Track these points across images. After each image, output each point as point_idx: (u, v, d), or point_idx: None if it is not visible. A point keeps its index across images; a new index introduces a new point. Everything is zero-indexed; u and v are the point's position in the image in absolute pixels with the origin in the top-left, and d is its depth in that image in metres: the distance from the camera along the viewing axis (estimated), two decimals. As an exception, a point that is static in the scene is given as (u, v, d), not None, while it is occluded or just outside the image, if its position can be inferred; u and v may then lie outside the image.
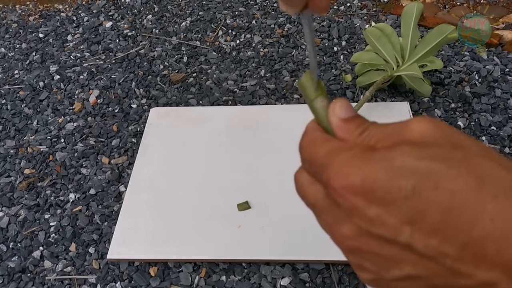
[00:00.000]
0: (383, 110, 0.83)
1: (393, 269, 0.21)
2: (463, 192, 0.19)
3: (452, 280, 0.20)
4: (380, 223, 0.20)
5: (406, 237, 0.20)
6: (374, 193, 0.20)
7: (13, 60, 1.13)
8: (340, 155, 0.22)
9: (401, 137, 0.21)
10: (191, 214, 0.71)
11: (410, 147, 0.20)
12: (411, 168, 0.20)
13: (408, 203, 0.19)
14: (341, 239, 0.22)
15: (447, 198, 0.19)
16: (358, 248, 0.22)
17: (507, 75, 0.89)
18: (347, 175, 0.21)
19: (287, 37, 1.05)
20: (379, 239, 0.21)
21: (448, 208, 0.19)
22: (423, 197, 0.19)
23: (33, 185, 0.82)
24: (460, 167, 0.19)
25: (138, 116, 0.91)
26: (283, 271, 0.65)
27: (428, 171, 0.19)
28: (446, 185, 0.19)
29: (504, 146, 0.77)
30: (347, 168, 0.21)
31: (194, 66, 1.02)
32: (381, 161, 0.20)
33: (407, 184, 0.19)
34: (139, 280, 0.66)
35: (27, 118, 0.96)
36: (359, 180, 0.20)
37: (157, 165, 0.78)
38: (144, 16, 1.20)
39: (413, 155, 0.20)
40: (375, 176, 0.20)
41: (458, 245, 0.19)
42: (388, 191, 0.20)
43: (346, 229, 0.22)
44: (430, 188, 0.19)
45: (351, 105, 0.25)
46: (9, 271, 0.71)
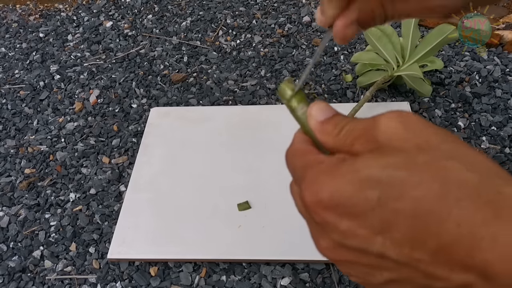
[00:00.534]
0: (383, 110, 0.82)
1: (375, 275, 0.22)
2: (427, 199, 0.19)
3: (431, 282, 0.20)
4: (352, 235, 0.20)
5: (378, 247, 0.20)
6: (343, 207, 0.20)
7: (13, 59, 1.13)
8: (312, 169, 0.22)
9: (372, 136, 0.22)
10: (192, 214, 0.71)
11: (374, 156, 0.20)
12: (376, 178, 0.20)
13: (376, 214, 0.19)
14: (322, 251, 0.23)
15: (412, 206, 0.19)
16: (338, 260, 0.23)
17: (507, 75, 0.89)
18: (317, 191, 0.21)
19: (287, 37, 1.05)
20: (354, 250, 0.21)
21: (414, 216, 0.19)
22: (389, 207, 0.19)
23: (34, 185, 0.82)
24: (423, 173, 0.19)
25: (138, 116, 0.92)
26: (283, 271, 0.65)
27: (392, 180, 0.19)
28: (410, 193, 0.19)
29: (504, 146, 0.77)
30: (317, 184, 0.21)
31: (195, 66, 1.02)
32: (347, 174, 0.21)
33: (373, 196, 0.19)
34: (139, 280, 0.66)
35: (28, 118, 0.96)
36: (328, 195, 0.21)
37: (157, 165, 0.78)
38: (145, 16, 1.20)
39: (377, 165, 0.20)
40: (342, 190, 0.20)
41: (429, 251, 0.19)
42: (356, 204, 0.20)
43: (324, 242, 0.23)
44: (395, 197, 0.19)
45: (328, 106, 0.26)
46: (10, 270, 0.71)
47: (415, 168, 0.19)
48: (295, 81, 0.30)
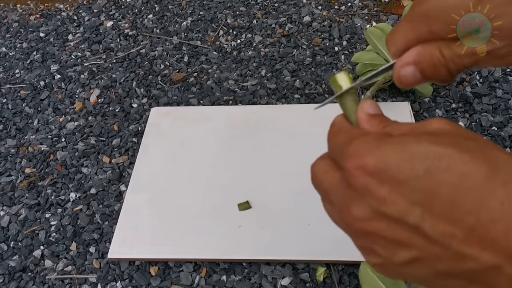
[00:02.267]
0: (384, 110, 0.82)
1: (400, 252, 0.21)
2: (474, 176, 0.19)
3: (457, 263, 0.20)
4: (391, 202, 0.21)
5: (415, 218, 0.20)
6: (387, 173, 0.21)
7: (14, 59, 1.13)
8: (358, 139, 0.23)
9: (420, 130, 0.22)
10: (192, 213, 0.71)
11: (426, 135, 0.21)
12: (425, 150, 0.20)
13: (420, 183, 0.20)
14: (351, 221, 0.23)
15: (458, 180, 0.19)
16: (367, 231, 0.22)
17: (508, 75, 0.89)
18: (362, 156, 0.22)
19: (288, 37, 1.05)
20: (389, 219, 0.21)
21: (458, 190, 0.19)
22: (434, 177, 0.20)
23: (34, 184, 0.82)
24: (474, 153, 0.20)
25: (138, 116, 0.92)
26: (283, 271, 0.65)
27: (441, 154, 0.20)
28: (458, 167, 0.19)
29: (505, 146, 0.77)
30: (363, 150, 0.22)
31: (195, 66, 1.02)
32: (396, 144, 0.21)
33: (420, 165, 0.20)
34: (140, 280, 0.66)
35: (28, 118, 0.96)
36: (373, 161, 0.21)
37: (157, 165, 0.78)
38: (145, 15, 1.20)
39: (428, 140, 0.21)
40: (389, 157, 0.21)
41: (465, 227, 0.19)
42: (401, 171, 0.20)
43: (357, 210, 0.22)
44: (442, 169, 0.20)
45: (378, 106, 0.27)
46: (10, 270, 0.71)
47: (465, 149, 0.20)
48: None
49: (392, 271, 0.23)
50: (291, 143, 0.77)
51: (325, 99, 0.87)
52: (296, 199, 0.70)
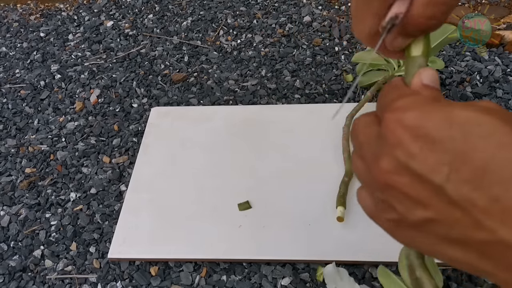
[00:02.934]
0: (384, 110, 0.83)
1: (417, 211, 0.21)
2: (511, 147, 0.19)
3: (473, 232, 0.19)
4: (420, 158, 0.20)
5: (441, 178, 0.20)
6: (423, 129, 0.21)
7: (14, 59, 1.13)
8: (407, 97, 0.23)
9: (469, 103, 0.22)
10: (192, 213, 0.71)
11: (472, 105, 0.21)
12: (467, 115, 0.20)
13: (455, 144, 0.20)
14: (378, 173, 0.22)
15: (494, 149, 0.19)
16: (390, 184, 0.22)
17: (508, 75, 0.89)
18: (404, 110, 0.22)
19: (288, 37, 1.05)
20: (415, 176, 0.21)
21: (492, 158, 0.19)
22: (470, 142, 0.19)
23: (34, 184, 0.82)
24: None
25: (139, 116, 0.92)
26: (283, 271, 0.65)
27: (483, 121, 0.20)
28: (497, 137, 0.19)
29: (505, 146, 0.77)
30: (407, 105, 0.22)
31: (195, 66, 1.02)
32: (441, 106, 0.21)
33: (459, 127, 0.20)
34: (140, 280, 0.66)
35: (28, 117, 0.96)
36: (413, 116, 0.21)
37: (158, 165, 0.78)
38: (145, 15, 1.20)
39: (473, 108, 0.20)
40: (429, 115, 0.21)
41: (490, 196, 0.19)
42: (438, 129, 0.20)
43: (386, 163, 0.22)
44: (481, 135, 0.19)
45: (437, 79, 0.26)
46: (10, 270, 0.71)
47: (508, 122, 0.19)
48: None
49: (403, 230, 0.23)
50: (291, 143, 0.77)
51: (325, 99, 0.87)
52: (296, 199, 0.70)
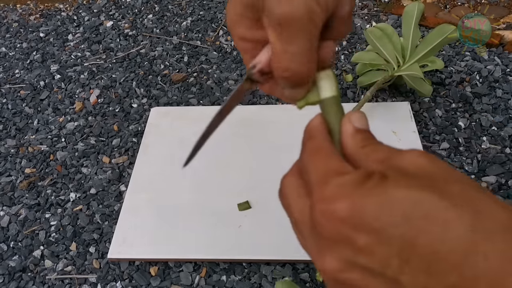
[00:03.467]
0: (383, 110, 0.83)
1: None
2: (455, 225, 0.17)
3: None
4: (368, 252, 0.19)
5: (393, 270, 0.18)
6: (364, 220, 0.19)
7: (13, 59, 1.13)
8: (334, 178, 0.21)
9: (397, 163, 0.21)
10: (192, 213, 0.71)
11: (403, 177, 0.19)
12: (403, 196, 0.18)
13: (398, 230, 0.18)
14: (326, 270, 0.21)
15: (438, 230, 0.18)
16: (341, 281, 0.20)
17: (508, 75, 0.89)
18: (334, 200, 0.20)
19: (287, 37, 1.05)
20: (365, 270, 0.19)
21: (438, 240, 0.17)
22: (414, 225, 0.18)
23: (34, 185, 0.82)
24: (456, 198, 0.18)
25: (138, 116, 0.92)
26: (283, 271, 0.65)
27: (420, 199, 0.18)
28: (438, 215, 0.18)
29: (505, 146, 0.77)
30: (338, 195, 0.20)
31: (195, 66, 1.02)
32: (373, 190, 0.19)
33: (398, 212, 0.18)
34: (140, 280, 0.66)
35: (28, 118, 0.96)
36: (349, 207, 0.19)
37: (157, 165, 0.78)
38: (145, 15, 1.20)
39: (406, 185, 0.19)
40: (365, 204, 0.19)
41: (448, 282, 0.17)
42: (378, 218, 0.18)
43: (331, 260, 0.20)
44: (421, 216, 0.18)
45: (366, 120, 0.25)
46: (10, 270, 0.71)
47: (446, 194, 0.18)
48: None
49: None
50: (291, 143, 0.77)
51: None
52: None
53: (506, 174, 0.73)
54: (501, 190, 0.71)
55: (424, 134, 0.81)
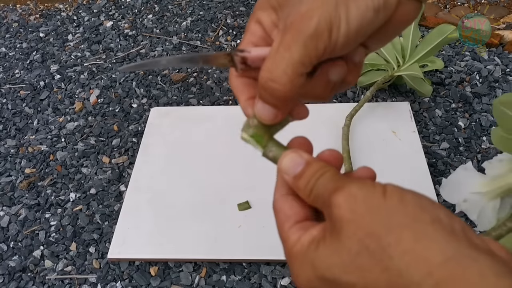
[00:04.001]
0: (383, 110, 0.83)
1: None
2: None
3: None
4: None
5: None
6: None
7: (13, 59, 1.13)
8: (286, 247, 0.26)
9: (329, 212, 0.23)
10: (192, 213, 0.71)
11: (328, 253, 0.22)
12: (331, 280, 0.22)
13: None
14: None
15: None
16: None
17: (507, 75, 0.89)
18: (294, 275, 0.25)
19: (287, 37, 1.05)
20: None
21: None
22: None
23: (34, 185, 0.82)
24: (366, 278, 0.20)
25: (138, 116, 0.92)
26: (283, 271, 0.65)
27: (344, 283, 0.21)
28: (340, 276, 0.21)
29: (504, 146, 0.77)
30: (294, 269, 0.25)
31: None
32: (308, 271, 0.23)
33: (326, 282, 0.22)
34: (140, 280, 0.66)
35: (28, 118, 0.96)
36: (302, 284, 0.24)
37: (157, 165, 0.78)
38: (145, 15, 1.20)
39: (330, 266, 0.22)
40: (299, 277, 0.24)
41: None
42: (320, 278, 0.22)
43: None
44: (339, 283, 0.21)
45: (298, 156, 0.26)
46: (10, 270, 0.71)
47: (360, 273, 0.20)
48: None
49: None
50: (291, 143, 0.77)
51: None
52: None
53: (506, 174, 0.73)
54: (501, 190, 0.71)
55: (424, 134, 0.81)
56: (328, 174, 0.24)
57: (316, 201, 0.24)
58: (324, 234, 0.23)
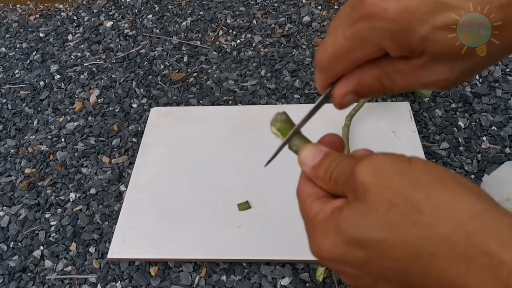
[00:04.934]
0: (383, 110, 0.83)
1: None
2: (405, 259, 0.20)
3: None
4: (358, 278, 0.23)
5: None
6: (341, 261, 0.23)
7: (13, 59, 1.13)
8: (309, 222, 0.26)
9: (352, 187, 0.23)
10: (192, 213, 0.71)
11: (355, 215, 0.22)
12: (359, 240, 0.22)
13: (370, 268, 0.22)
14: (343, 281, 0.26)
15: (395, 265, 0.21)
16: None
17: (507, 75, 0.89)
18: (315, 247, 0.25)
19: (287, 37, 1.05)
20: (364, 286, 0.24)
21: (399, 273, 0.21)
22: (377, 265, 0.21)
23: (34, 185, 0.82)
24: (397, 234, 0.20)
25: (138, 116, 0.92)
26: (283, 271, 0.65)
27: (372, 243, 0.21)
28: (390, 254, 0.21)
29: (504, 146, 0.77)
30: (315, 241, 0.25)
31: (195, 66, 1.02)
32: (336, 235, 0.23)
33: (361, 256, 0.22)
34: (140, 280, 0.66)
35: (28, 118, 0.96)
36: (324, 254, 0.24)
37: (157, 165, 0.78)
38: (145, 15, 1.20)
39: (358, 227, 0.22)
40: (335, 250, 0.23)
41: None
42: (350, 261, 0.22)
43: (343, 277, 0.25)
44: (379, 257, 0.21)
45: (318, 148, 0.27)
46: (10, 270, 0.71)
47: (389, 229, 0.21)
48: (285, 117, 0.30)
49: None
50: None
51: (324, 99, 0.87)
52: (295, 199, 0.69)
53: (506, 174, 0.73)
54: (501, 190, 0.71)
55: (424, 134, 0.81)
56: (348, 158, 0.25)
57: (337, 184, 0.25)
58: (347, 202, 0.24)
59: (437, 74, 0.24)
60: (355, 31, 0.24)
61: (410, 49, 0.23)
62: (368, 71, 0.25)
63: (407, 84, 0.25)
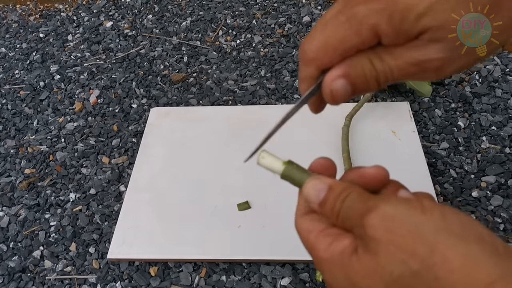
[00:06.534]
0: (383, 110, 0.83)
1: None
2: None
3: None
4: None
5: None
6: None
7: (13, 60, 1.13)
8: (320, 263, 0.26)
9: (362, 233, 0.23)
10: (191, 214, 0.71)
11: (364, 272, 0.22)
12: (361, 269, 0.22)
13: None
14: None
15: None
16: None
17: (507, 75, 0.89)
18: (331, 280, 0.24)
19: (287, 37, 1.05)
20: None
21: None
22: None
23: (34, 185, 0.82)
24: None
25: (138, 116, 0.92)
26: (283, 271, 0.65)
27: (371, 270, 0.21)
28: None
29: (504, 146, 0.77)
30: (326, 278, 0.25)
31: (195, 66, 1.02)
32: (345, 280, 0.23)
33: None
34: (139, 280, 0.66)
35: (28, 118, 0.96)
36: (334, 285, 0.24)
37: (157, 165, 0.78)
38: (145, 16, 1.20)
39: (369, 285, 0.22)
40: (337, 280, 0.24)
41: None
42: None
43: None
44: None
45: (321, 182, 0.27)
46: (9, 270, 0.71)
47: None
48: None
49: None
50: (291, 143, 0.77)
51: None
52: (295, 199, 0.69)
53: (506, 174, 0.73)
54: (501, 190, 0.71)
55: (424, 134, 0.81)
56: (353, 195, 0.24)
57: (344, 224, 0.24)
58: (355, 247, 0.23)
59: (430, 52, 0.24)
60: (351, 16, 0.24)
61: (406, 32, 0.23)
62: (359, 55, 0.25)
63: (398, 65, 0.24)
